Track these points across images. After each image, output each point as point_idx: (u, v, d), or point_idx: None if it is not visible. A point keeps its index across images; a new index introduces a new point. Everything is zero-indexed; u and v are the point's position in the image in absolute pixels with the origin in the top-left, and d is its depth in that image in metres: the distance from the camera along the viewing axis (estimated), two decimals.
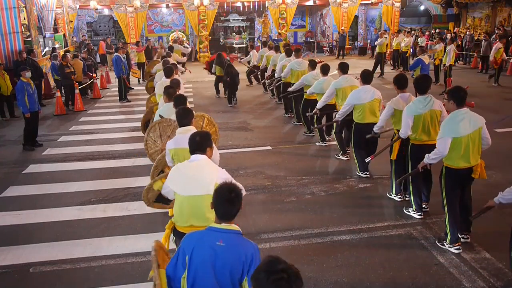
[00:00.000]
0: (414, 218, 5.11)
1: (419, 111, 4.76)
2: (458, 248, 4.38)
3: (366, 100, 6.06)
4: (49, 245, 4.80)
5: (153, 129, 5.26)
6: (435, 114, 4.83)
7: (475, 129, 4.11)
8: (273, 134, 8.94)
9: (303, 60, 9.19)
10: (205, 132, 3.41)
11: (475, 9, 21.45)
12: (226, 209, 2.41)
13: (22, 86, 8.07)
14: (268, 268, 1.78)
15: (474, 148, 4.16)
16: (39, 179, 6.82)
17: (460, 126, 4.07)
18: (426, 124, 4.79)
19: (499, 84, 13.37)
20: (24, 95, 8.04)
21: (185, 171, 3.16)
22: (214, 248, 2.35)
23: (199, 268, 2.37)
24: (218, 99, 12.76)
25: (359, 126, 6.21)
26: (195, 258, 2.38)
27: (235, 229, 2.42)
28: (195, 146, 3.21)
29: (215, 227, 2.42)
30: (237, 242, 2.38)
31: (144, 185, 6.32)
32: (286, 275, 1.75)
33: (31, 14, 13.88)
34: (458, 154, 4.15)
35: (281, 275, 1.75)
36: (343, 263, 4.28)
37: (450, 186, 4.34)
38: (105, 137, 9.04)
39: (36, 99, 8.38)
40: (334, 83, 7.02)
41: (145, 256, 4.48)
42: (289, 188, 6.12)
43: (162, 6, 22.48)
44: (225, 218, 2.42)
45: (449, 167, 4.29)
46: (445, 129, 4.16)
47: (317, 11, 25.44)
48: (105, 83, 15.74)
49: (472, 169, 4.23)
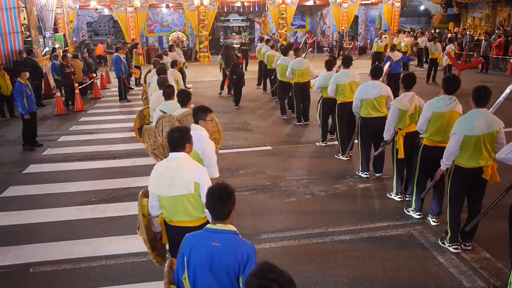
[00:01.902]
0: (414, 218, 5.11)
1: (441, 108, 4.62)
2: (457, 248, 4.38)
3: (374, 95, 6.01)
4: (49, 245, 4.80)
5: (158, 124, 5.20)
6: (454, 116, 4.63)
7: (490, 131, 4.04)
8: (273, 134, 8.94)
9: (303, 59, 9.06)
10: (183, 127, 3.37)
11: (475, 9, 21.45)
12: (218, 209, 2.42)
13: (21, 87, 8.00)
14: (259, 274, 1.76)
15: (486, 150, 4.08)
16: (39, 179, 6.82)
17: (475, 124, 4.01)
18: (444, 123, 4.63)
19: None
20: (22, 97, 7.97)
21: (164, 171, 3.15)
22: (210, 248, 2.37)
23: (197, 268, 2.40)
24: (218, 99, 12.76)
25: (365, 121, 6.18)
26: (193, 259, 2.41)
27: (231, 229, 2.43)
28: (173, 142, 3.17)
29: (210, 228, 2.44)
30: (233, 242, 2.40)
31: (144, 185, 6.37)
32: (276, 285, 1.71)
33: (31, 14, 13.88)
34: (468, 153, 4.10)
35: (270, 284, 1.71)
36: (343, 263, 4.28)
37: (455, 184, 4.31)
38: (105, 137, 9.04)
39: (33, 100, 8.35)
40: (334, 78, 6.95)
41: (145, 256, 4.48)
42: (289, 188, 6.12)
43: (162, 6, 22.49)
44: (218, 218, 2.44)
45: (458, 165, 4.25)
46: (460, 126, 4.11)
47: (317, 11, 25.44)
48: (105, 83, 15.75)
49: (482, 169, 4.15)
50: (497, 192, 4.00)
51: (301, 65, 8.92)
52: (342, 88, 6.90)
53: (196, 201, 3.12)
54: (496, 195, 3.98)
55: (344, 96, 6.91)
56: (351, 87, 6.86)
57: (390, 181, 5.89)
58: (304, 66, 8.91)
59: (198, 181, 3.07)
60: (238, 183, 6.28)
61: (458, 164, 4.24)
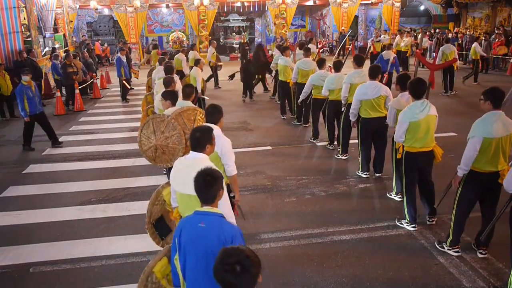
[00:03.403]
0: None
1: (416, 116, 4.53)
2: (458, 251, 4.34)
3: (373, 96, 5.98)
4: (49, 245, 4.80)
5: (146, 125, 5.03)
6: (432, 120, 4.64)
7: (508, 133, 3.92)
8: (273, 134, 8.94)
9: (309, 60, 8.97)
10: (207, 127, 3.31)
11: (475, 9, 21.45)
12: (203, 191, 2.53)
13: (21, 90, 7.87)
14: (221, 262, 1.91)
15: (502, 153, 3.97)
16: (39, 179, 6.82)
17: (493, 127, 3.85)
18: (423, 130, 4.58)
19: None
20: (23, 99, 7.85)
21: (181, 168, 3.16)
22: (197, 229, 2.47)
23: (187, 249, 2.50)
24: (218, 99, 12.74)
25: (365, 121, 6.16)
26: (182, 239, 2.53)
27: (216, 211, 2.53)
28: (194, 142, 3.15)
29: (198, 210, 2.55)
30: (217, 224, 2.47)
31: (144, 185, 6.42)
32: (238, 266, 1.86)
33: (31, 14, 13.88)
34: (487, 157, 3.94)
35: (233, 267, 1.87)
36: (343, 263, 4.28)
37: (469, 189, 4.14)
38: (105, 137, 9.04)
39: (37, 102, 8.13)
40: (348, 77, 6.81)
41: (145, 256, 4.49)
42: (289, 188, 6.12)
43: (162, 6, 22.49)
44: (204, 201, 2.55)
45: (474, 170, 4.03)
46: (477, 129, 3.93)
47: (317, 11, 25.44)
48: (105, 83, 15.75)
49: (498, 174, 4.01)
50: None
51: (308, 66, 8.83)
52: (353, 89, 6.65)
53: None
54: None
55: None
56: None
57: (390, 181, 5.89)
58: (310, 68, 8.74)
59: None
60: (238, 183, 6.24)
61: (474, 169, 4.03)
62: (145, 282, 2.73)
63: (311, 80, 7.89)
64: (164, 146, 4.98)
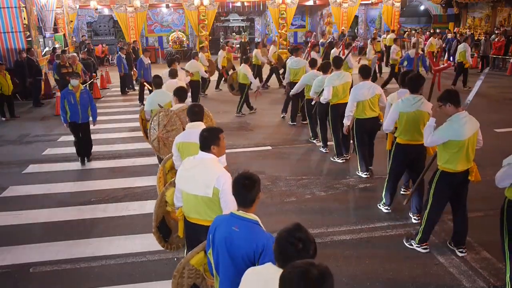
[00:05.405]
0: (413, 218, 5.08)
1: (407, 108, 4.76)
2: (426, 248, 4.40)
3: (368, 96, 6.02)
4: (49, 245, 4.80)
5: (155, 117, 5.37)
6: (421, 116, 4.72)
7: (474, 131, 4.04)
8: (273, 134, 8.94)
9: (300, 59, 9.37)
10: (214, 128, 3.29)
11: (475, 9, 21.45)
12: (241, 195, 2.52)
13: (63, 94, 7.27)
14: (290, 232, 2.00)
15: (472, 150, 4.08)
16: (39, 179, 6.82)
17: (464, 129, 3.94)
18: (410, 123, 4.77)
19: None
20: (63, 104, 7.19)
21: (188, 168, 3.15)
22: (230, 232, 2.48)
23: (219, 246, 2.53)
24: (218, 99, 12.75)
25: (360, 121, 6.18)
26: (216, 237, 2.55)
27: (252, 217, 2.52)
28: (201, 141, 3.14)
29: (234, 213, 2.55)
30: (251, 230, 2.47)
31: (144, 185, 6.42)
32: (301, 243, 1.94)
33: (31, 14, 13.87)
34: (460, 158, 4.00)
35: (297, 242, 1.94)
36: (343, 263, 4.28)
37: (441, 190, 4.19)
38: (105, 137, 9.04)
39: (79, 110, 7.17)
40: (328, 80, 6.84)
41: (145, 256, 4.49)
42: (289, 188, 6.12)
43: (162, 6, 22.49)
44: (241, 204, 2.54)
45: (446, 171, 4.11)
46: (448, 132, 3.97)
47: (317, 11, 25.44)
48: (105, 83, 15.74)
49: (468, 171, 4.12)
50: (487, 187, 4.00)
51: (298, 65, 9.18)
52: (336, 90, 6.82)
53: (214, 204, 3.05)
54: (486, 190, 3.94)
55: (337, 98, 6.86)
56: (344, 88, 6.85)
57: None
58: (299, 66, 9.08)
59: (218, 187, 2.99)
60: None
61: (447, 169, 4.10)
62: (182, 271, 2.83)
63: (304, 79, 8.01)
64: (165, 139, 5.29)
